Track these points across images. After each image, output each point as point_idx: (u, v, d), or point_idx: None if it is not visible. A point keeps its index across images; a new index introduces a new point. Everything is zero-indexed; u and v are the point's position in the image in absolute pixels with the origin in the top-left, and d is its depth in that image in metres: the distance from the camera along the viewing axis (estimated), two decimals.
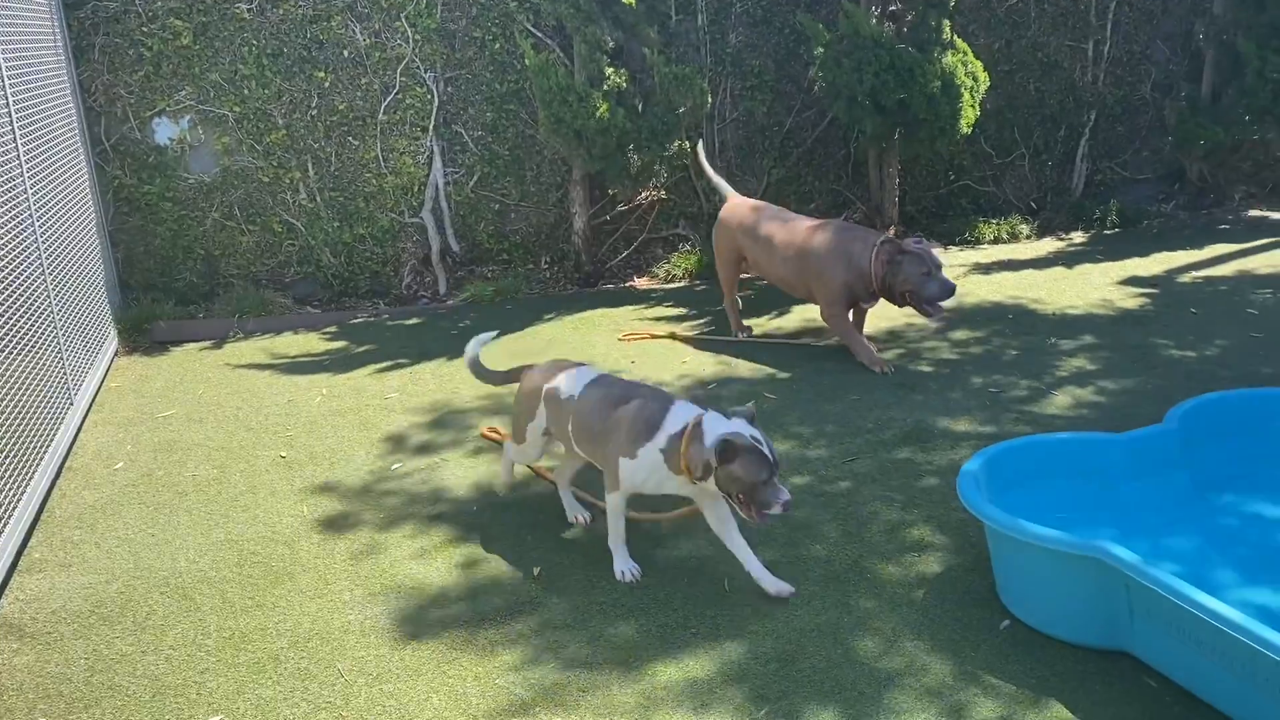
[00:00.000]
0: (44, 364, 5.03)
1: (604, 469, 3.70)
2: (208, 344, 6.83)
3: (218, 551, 4.06)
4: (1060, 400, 4.97)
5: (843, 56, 6.95)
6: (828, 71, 7.06)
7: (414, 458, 4.84)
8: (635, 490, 3.63)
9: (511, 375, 4.21)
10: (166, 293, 7.27)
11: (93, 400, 5.79)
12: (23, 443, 4.40)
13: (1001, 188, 8.49)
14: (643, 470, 3.54)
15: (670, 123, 7.06)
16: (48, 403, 4.94)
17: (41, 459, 4.64)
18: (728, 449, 3.28)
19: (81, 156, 6.69)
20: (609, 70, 6.86)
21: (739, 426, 3.38)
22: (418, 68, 7.30)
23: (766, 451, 3.31)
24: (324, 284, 7.55)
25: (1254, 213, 8.42)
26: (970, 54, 7.32)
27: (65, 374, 5.33)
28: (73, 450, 5.14)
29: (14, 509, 4.12)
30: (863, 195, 8.15)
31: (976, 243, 8.01)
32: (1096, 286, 6.75)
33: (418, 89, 7.33)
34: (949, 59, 7.19)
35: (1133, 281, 6.81)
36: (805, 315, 6.53)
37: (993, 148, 8.35)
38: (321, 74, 7.16)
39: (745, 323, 6.33)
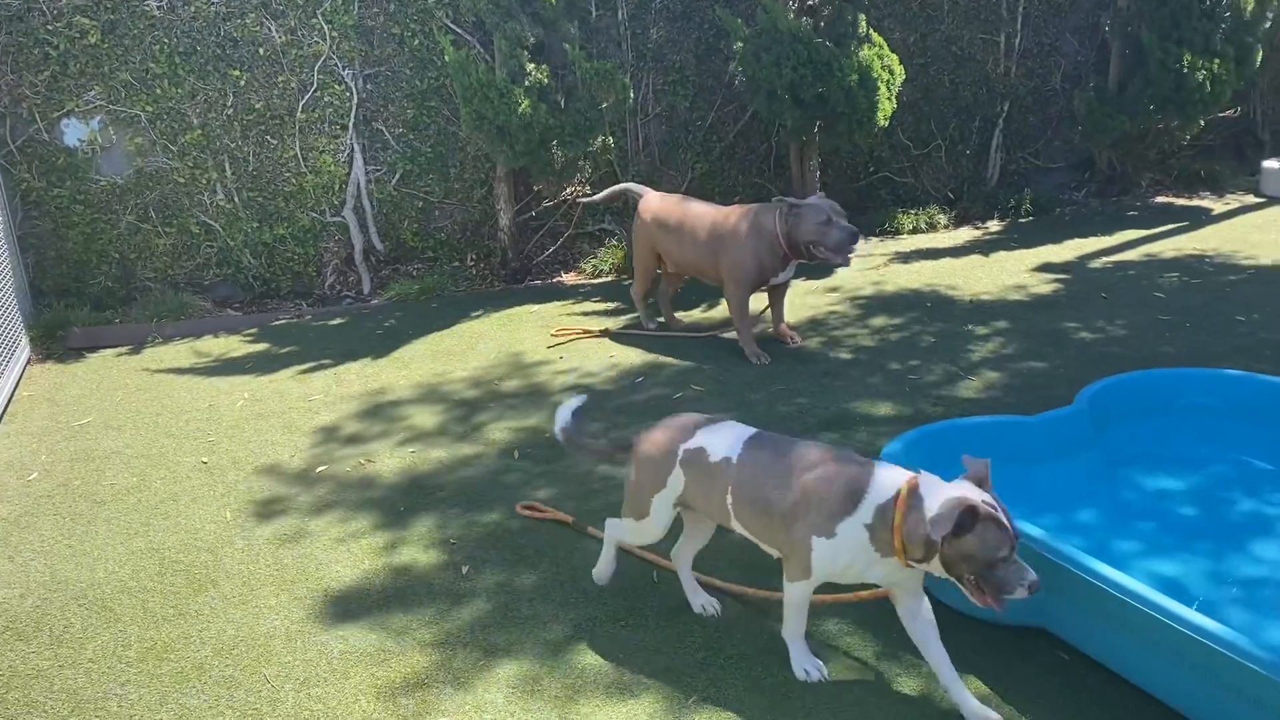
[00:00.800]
0: None
1: (784, 552, 3.03)
2: (125, 350, 6.68)
3: (138, 561, 3.99)
4: (975, 384, 5.10)
5: (761, 51, 7.03)
6: (747, 66, 7.13)
7: (339, 458, 4.80)
8: (828, 579, 2.97)
9: (621, 443, 3.46)
10: (81, 298, 7.09)
11: (4, 410, 5.64)
12: None
13: (920, 179, 8.66)
14: (845, 553, 2.86)
15: (593, 118, 7.08)
16: None
17: None
18: (964, 520, 2.63)
19: None
20: (530, 66, 6.85)
21: (968, 490, 2.72)
22: (336, 65, 7.21)
23: (1006, 520, 2.68)
24: (245, 286, 7.43)
25: (1160, 199, 8.70)
26: (886, 47, 7.45)
27: None
28: None
29: None
30: (785, 188, 8.24)
31: (896, 233, 8.16)
32: (1011, 273, 6.92)
33: (336, 87, 7.24)
34: (865, 53, 7.31)
35: (1045, 268, 7.00)
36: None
37: (910, 139, 8.51)
38: (237, 72, 7.04)
39: (677, 314, 6.39)
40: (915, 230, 8.18)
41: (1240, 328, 5.63)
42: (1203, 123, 8.34)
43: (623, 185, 6.55)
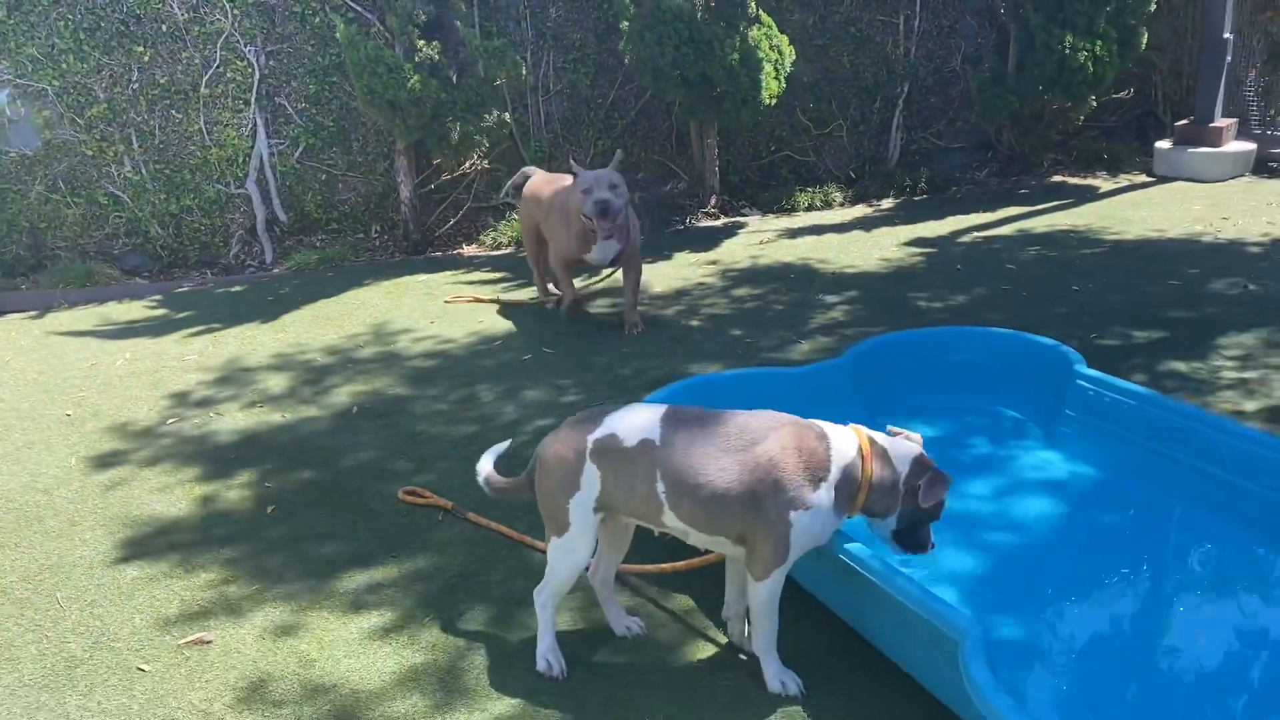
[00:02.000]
0: None
1: (748, 543, 2.74)
2: (31, 314, 6.97)
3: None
4: (803, 348, 5.35)
5: (645, 30, 7.26)
6: (634, 44, 7.37)
7: (191, 412, 5.07)
8: (803, 553, 2.76)
9: (532, 471, 2.97)
10: None
11: None
12: None
13: (821, 158, 8.90)
14: (819, 522, 2.70)
15: (485, 94, 7.33)
16: None
17: None
18: (935, 480, 2.71)
19: None
20: (420, 43, 7.10)
21: (904, 444, 2.81)
22: (238, 42, 7.46)
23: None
24: (153, 255, 7.70)
25: (1056, 179, 8.93)
26: (774, 28, 7.69)
27: None
28: None
29: None
30: (686, 166, 8.49)
31: (793, 210, 8.40)
32: (883, 248, 7.17)
33: (238, 62, 7.49)
34: (754, 33, 7.55)
35: (916, 242, 7.25)
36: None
37: (811, 119, 8.75)
38: (140, 48, 7.30)
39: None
40: (811, 208, 8.42)
41: (1073, 296, 5.87)
42: (1094, 104, 8.55)
43: (521, 171, 6.68)
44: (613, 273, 6.27)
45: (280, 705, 2.93)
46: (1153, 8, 8.17)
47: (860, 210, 8.36)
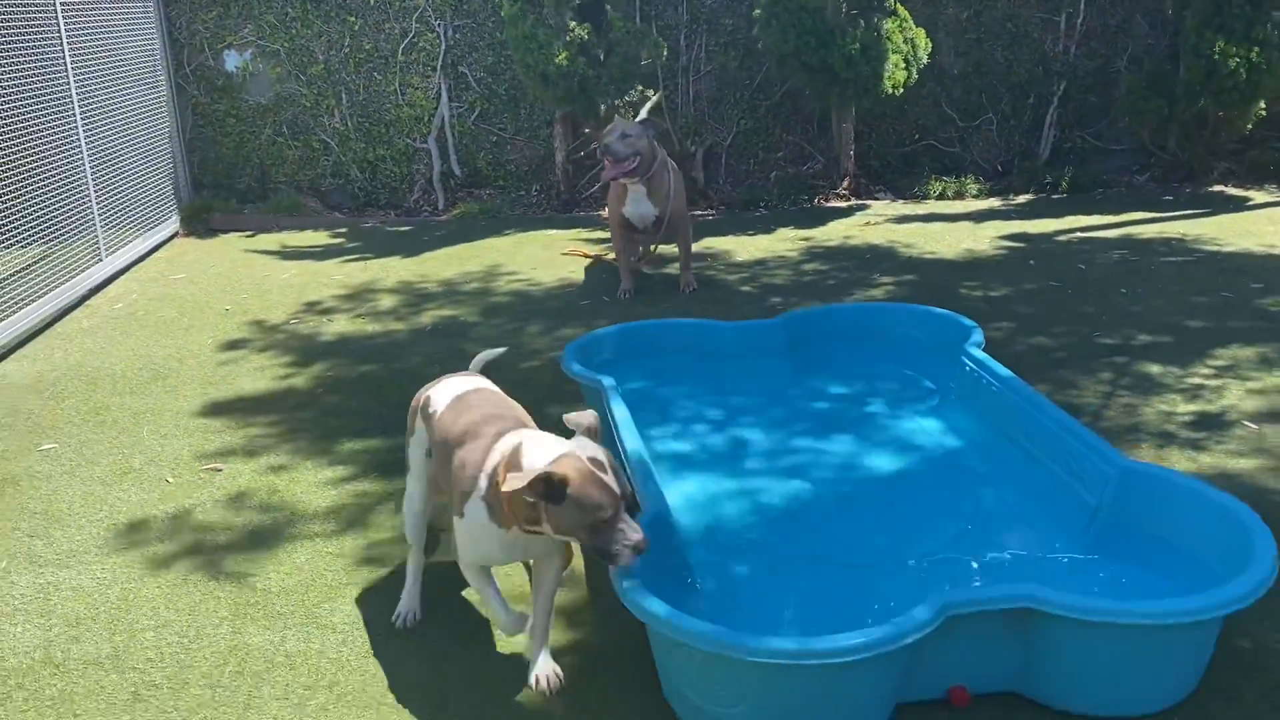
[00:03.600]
0: (80, 229, 6.85)
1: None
2: (247, 233, 8.55)
3: (131, 359, 5.64)
4: None
5: (773, 18, 7.79)
6: (763, 31, 7.92)
7: (311, 318, 6.29)
8: (481, 564, 2.81)
9: None
10: (230, 192, 9.05)
11: (134, 263, 7.59)
12: (46, 277, 6.23)
13: (968, 149, 9.03)
14: (474, 534, 2.71)
15: (628, 71, 8.14)
16: (77, 255, 6.76)
17: (59, 287, 6.43)
18: (550, 482, 2.45)
19: (163, 80, 8.52)
20: (572, 24, 8.00)
21: (575, 446, 2.58)
22: (430, 16, 8.68)
23: (609, 479, 2.51)
24: (352, 195, 9.13)
25: (1218, 188, 8.58)
26: (910, 20, 7.99)
27: (98, 240, 7.11)
28: (100, 291, 6.93)
29: (17, 316, 5.88)
30: (826, 148, 8.93)
31: (924, 198, 8.65)
32: (977, 239, 7.36)
33: (429, 34, 8.72)
34: (888, 24, 7.90)
35: (1015, 237, 7.37)
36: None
37: (958, 111, 8.91)
38: (353, 19, 8.68)
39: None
40: (941, 196, 8.63)
41: (1112, 298, 5.92)
42: (1263, 112, 8.17)
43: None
44: (655, 248, 6.81)
45: (239, 512, 3.95)
46: None
47: (988, 203, 8.49)
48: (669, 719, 2.72)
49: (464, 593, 3.29)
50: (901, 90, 7.98)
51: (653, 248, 6.79)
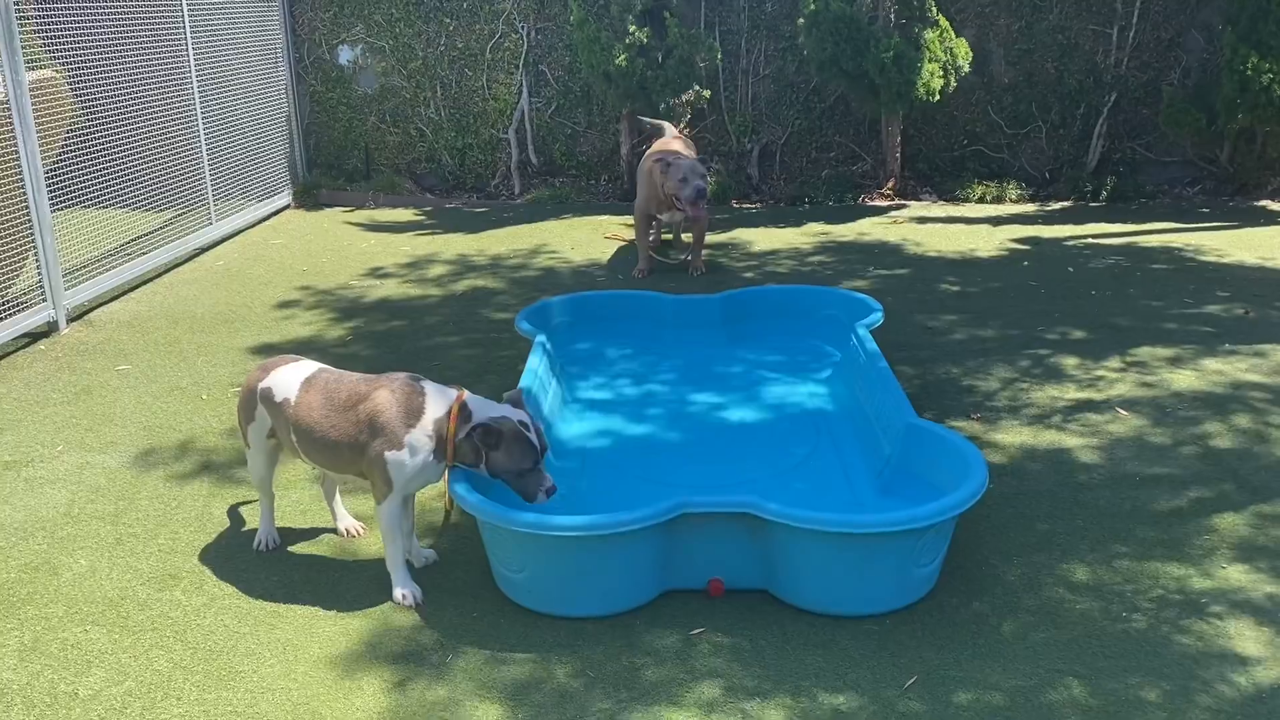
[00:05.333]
0: (192, 195, 8.10)
1: (367, 476, 3.44)
2: (347, 209, 9.69)
3: (212, 305, 6.75)
4: None
5: (814, 27, 8.35)
6: (805, 38, 8.49)
7: (367, 282, 7.28)
8: (409, 489, 3.43)
9: None
10: (339, 172, 10.23)
11: (244, 229, 8.81)
12: (161, 234, 7.48)
13: (1016, 156, 9.33)
14: (417, 461, 3.33)
15: (684, 73, 8.85)
16: (191, 220, 8.01)
17: (171, 243, 7.67)
18: (489, 435, 3.27)
19: (284, 71, 9.75)
20: (632, 27, 8.76)
21: (506, 410, 3.36)
22: (515, 19, 9.61)
23: (533, 438, 3.32)
24: (442, 178, 10.16)
25: (1263, 202, 8.62)
26: (950, 31, 8.41)
27: (210, 206, 8.34)
28: (209, 252, 8.15)
29: (131, 264, 7.11)
30: (875, 150, 9.40)
31: (965, 200, 9.03)
32: (985, 241, 7.74)
33: (514, 35, 9.65)
34: (929, 34, 8.35)
35: (1026, 241, 7.71)
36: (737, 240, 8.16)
37: (1007, 119, 9.22)
38: (448, 20, 9.69)
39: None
40: (981, 200, 8.99)
41: (1079, 300, 6.28)
42: None
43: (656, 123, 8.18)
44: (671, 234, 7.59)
45: (234, 435, 4.77)
46: None
47: (1023, 208, 8.80)
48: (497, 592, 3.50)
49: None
50: (938, 97, 8.40)
51: (684, 236, 7.57)
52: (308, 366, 3.65)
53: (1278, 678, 2.99)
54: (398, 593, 3.42)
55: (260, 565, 3.70)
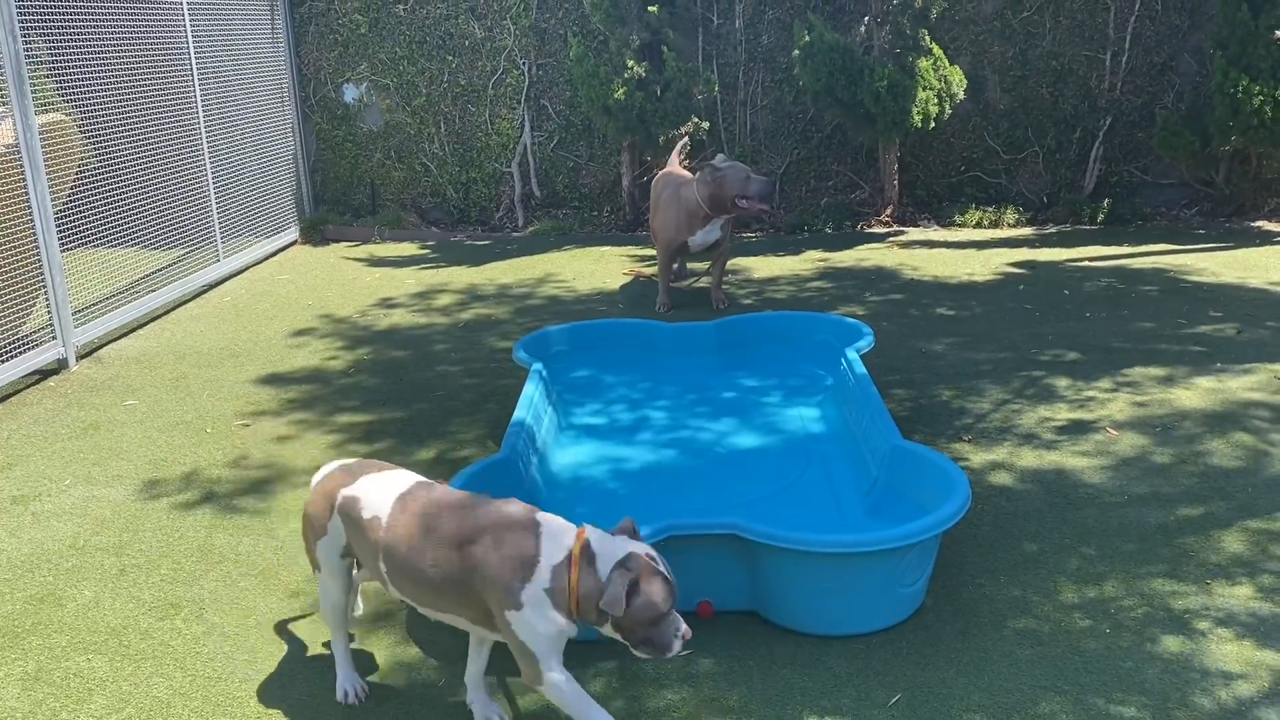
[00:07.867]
0: (200, 234, 8.24)
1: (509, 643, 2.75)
2: (353, 243, 9.83)
3: (221, 340, 6.87)
4: None
5: (809, 58, 8.48)
6: (801, 69, 8.61)
7: (376, 312, 7.39)
8: (557, 645, 2.71)
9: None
10: (346, 207, 10.39)
11: (251, 265, 8.95)
12: (169, 272, 7.62)
13: (1014, 180, 9.42)
14: (542, 620, 2.66)
15: (682, 106, 8.98)
16: (199, 258, 8.15)
17: (179, 280, 7.80)
18: (635, 582, 2.60)
19: (290, 109, 9.93)
20: (630, 62, 8.91)
21: (630, 545, 2.70)
22: (516, 55, 9.77)
23: (667, 573, 2.68)
24: (447, 212, 10.30)
25: (1260, 223, 8.68)
26: (944, 59, 8.52)
27: (217, 243, 8.48)
28: (217, 288, 8.28)
29: (139, 302, 7.24)
30: (873, 178, 9.50)
31: (963, 225, 9.10)
32: (982, 265, 7.81)
33: (515, 71, 9.81)
34: (923, 63, 8.46)
35: (1020, 264, 7.78)
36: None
37: (1003, 144, 9.32)
38: (451, 58, 9.87)
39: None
40: (978, 225, 9.06)
41: (1072, 321, 6.34)
42: None
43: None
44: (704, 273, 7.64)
45: (237, 467, 4.98)
46: None
47: (1020, 232, 8.87)
48: None
49: None
50: (933, 124, 8.51)
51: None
52: (404, 478, 2.97)
53: (1258, 692, 3.03)
54: None
55: (259, 594, 3.78)
